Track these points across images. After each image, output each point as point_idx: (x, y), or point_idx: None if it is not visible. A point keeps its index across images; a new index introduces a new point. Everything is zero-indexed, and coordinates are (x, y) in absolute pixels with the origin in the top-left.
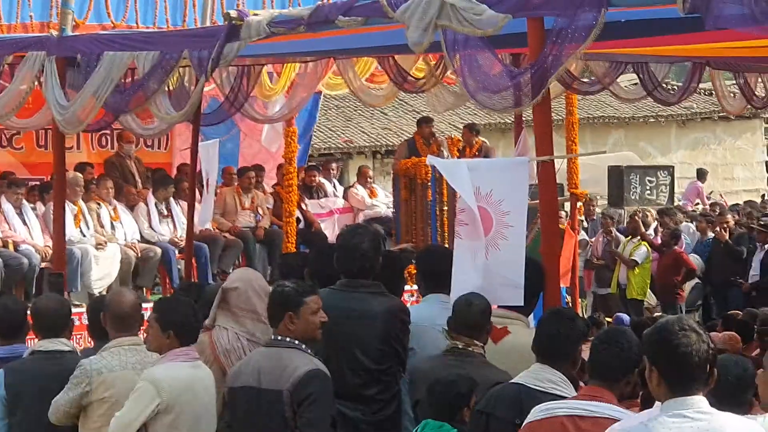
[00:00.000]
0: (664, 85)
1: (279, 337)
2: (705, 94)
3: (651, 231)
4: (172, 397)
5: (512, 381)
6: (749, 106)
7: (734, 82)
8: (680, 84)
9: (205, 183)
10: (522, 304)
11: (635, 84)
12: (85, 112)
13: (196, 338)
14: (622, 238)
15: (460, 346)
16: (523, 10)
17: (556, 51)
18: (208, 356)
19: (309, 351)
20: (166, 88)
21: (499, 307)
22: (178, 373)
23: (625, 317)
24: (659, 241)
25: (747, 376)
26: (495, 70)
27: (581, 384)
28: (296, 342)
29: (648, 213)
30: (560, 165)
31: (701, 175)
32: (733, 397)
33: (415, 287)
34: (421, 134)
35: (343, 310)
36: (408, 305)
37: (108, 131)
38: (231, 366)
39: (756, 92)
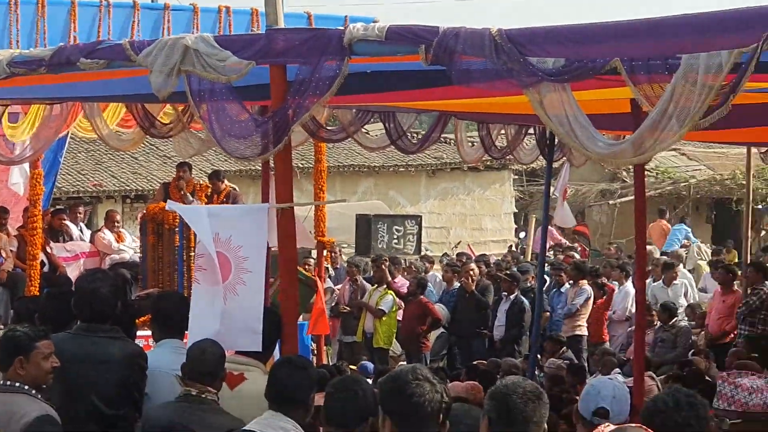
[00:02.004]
0: (409, 135)
1: (8, 382)
2: (455, 144)
3: (396, 279)
4: None
5: (244, 428)
6: (487, 156)
7: (477, 133)
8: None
9: None
10: (260, 350)
11: (382, 131)
12: None
13: None
14: (368, 286)
15: (193, 393)
16: (266, 57)
17: (299, 99)
18: None
19: (39, 396)
20: None
21: (236, 352)
22: None
23: (370, 365)
24: (405, 290)
25: (477, 426)
26: (241, 117)
27: None
28: (26, 387)
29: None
30: (308, 212)
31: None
32: None
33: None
34: (176, 179)
35: (79, 355)
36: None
37: None
38: None
39: (496, 143)
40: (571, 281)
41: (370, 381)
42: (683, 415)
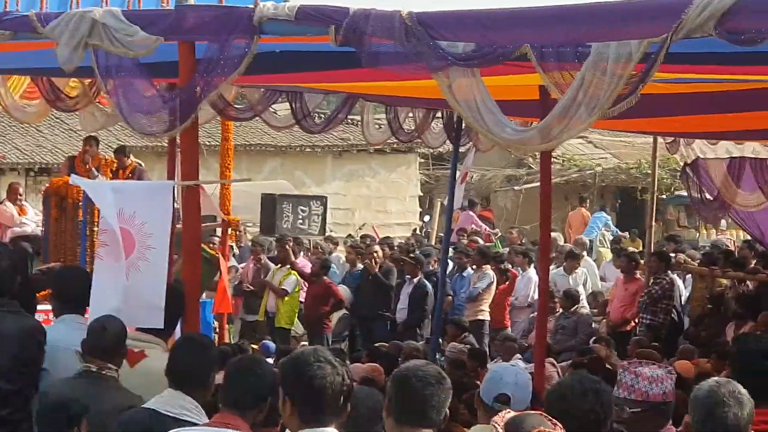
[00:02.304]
0: (315, 115)
1: None
2: (361, 126)
3: (299, 260)
4: None
5: (144, 406)
6: (392, 139)
7: (385, 115)
8: None
9: None
10: (162, 326)
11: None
12: None
13: None
14: (271, 265)
15: (93, 369)
16: (175, 34)
17: (207, 77)
18: None
19: None
20: None
21: (137, 329)
22: None
23: (272, 345)
24: (308, 270)
25: (378, 408)
26: (148, 93)
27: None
28: None
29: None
30: (213, 190)
31: (472, 204)
32: (364, 427)
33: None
34: (83, 153)
35: None
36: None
37: None
38: None
39: (403, 126)
40: (474, 266)
41: (271, 360)
42: (588, 401)
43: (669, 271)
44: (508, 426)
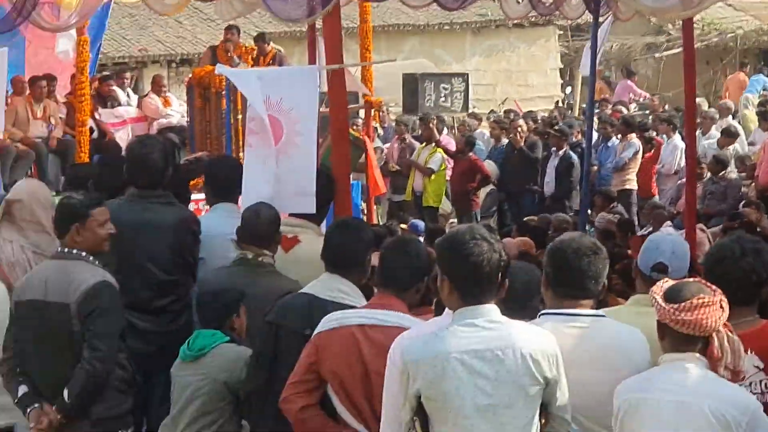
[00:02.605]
0: None
1: (66, 250)
2: (499, 1)
3: (443, 137)
4: None
5: (302, 291)
6: (533, 12)
7: None
8: None
9: None
10: (314, 212)
11: None
12: None
13: None
14: (416, 144)
15: (249, 256)
16: None
17: None
18: None
19: (97, 263)
20: None
21: (290, 215)
22: None
23: (421, 224)
24: (453, 147)
25: (533, 282)
26: None
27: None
28: (83, 254)
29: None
30: (355, 72)
31: (630, 74)
32: (520, 302)
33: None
34: (224, 42)
35: (133, 221)
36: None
37: None
38: (16, 279)
39: None
40: (619, 135)
41: (421, 239)
42: (748, 261)
43: None
44: (667, 295)
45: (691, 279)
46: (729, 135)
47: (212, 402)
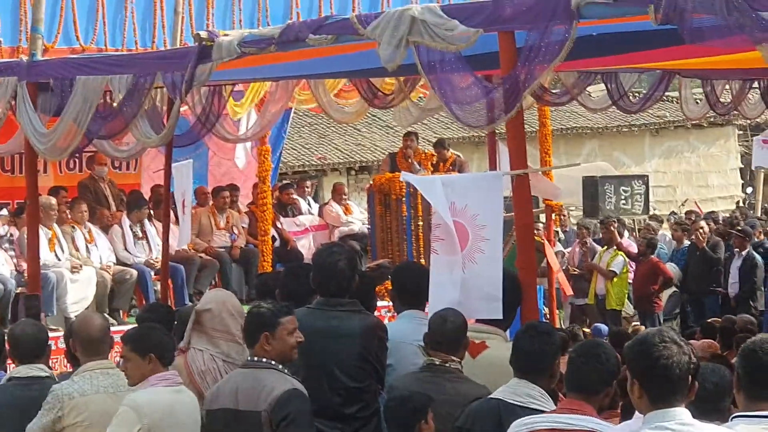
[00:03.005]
0: (631, 95)
1: (255, 358)
2: (677, 102)
3: (625, 240)
4: (153, 421)
5: (491, 396)
6: (711, 113)
7: (701, 89)
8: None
9: (180, 204)
10: (500, 317)
11: (603, 92)
12: (66, 140)
13: (173, 359)
14: (597, 248)
15: (437, 362)
16: (494, 24)
17: (529, 66)
18: (184, 378)
19: (286, 371)
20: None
21: (476, 321)
22: (160, 398)
23: (604, 327)
24: (635, 250)
25: (724, 384)
26: (469, 85)
27: (561, 397)
28: (273, 363)
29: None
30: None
31: None
32: (711, 404)
33: (389, 303)
34: (404, 149)
35: (321, 329)
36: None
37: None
38: (207, 388)
39: (720, 99)
40: None
41: None
42: None
43: None
44: None
45: None
46: None
47: None
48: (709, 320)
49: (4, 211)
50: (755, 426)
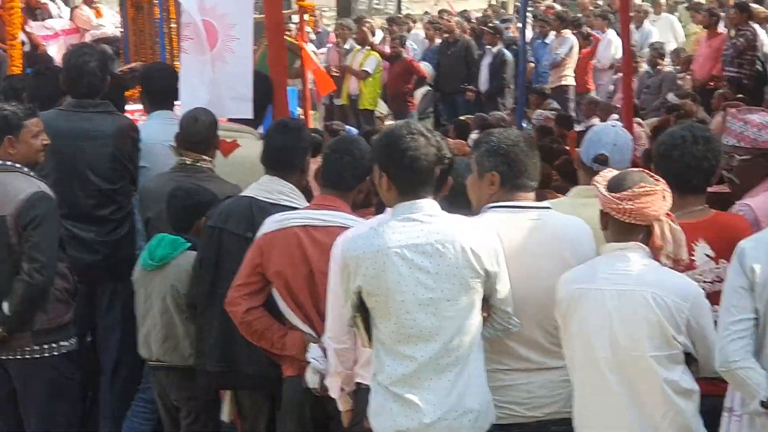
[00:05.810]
0: None
1: (0, 162)
2: None
3: (377, 40)
4: None
5: (242, 194)
6: None
7: None
8: None
9: None
10: (251, 116)
11: None
12: None
13: None
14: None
15: (188, 162)
16: None
17: None
18: None
19: (32, 174)
20: None
21: (228, 120)
22: None
23: (354, 131)
24: (388, 49)
25: None
26: None
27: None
28: (17, 166)
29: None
30: None
31: None
32: (463, 198)
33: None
34: None
35: (71, 131)
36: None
37: None
38: None
39: None
40: (554, 32)
41: None
42: (700, 149)
43: (750, 22)
44: (610, 184)
45: (634, 169)
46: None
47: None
48: (461, 117)
49: None
50: (503, 214)
